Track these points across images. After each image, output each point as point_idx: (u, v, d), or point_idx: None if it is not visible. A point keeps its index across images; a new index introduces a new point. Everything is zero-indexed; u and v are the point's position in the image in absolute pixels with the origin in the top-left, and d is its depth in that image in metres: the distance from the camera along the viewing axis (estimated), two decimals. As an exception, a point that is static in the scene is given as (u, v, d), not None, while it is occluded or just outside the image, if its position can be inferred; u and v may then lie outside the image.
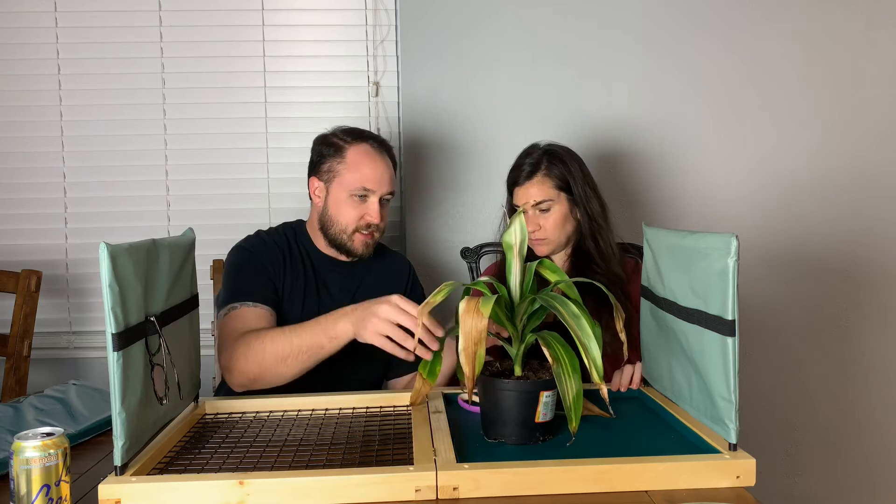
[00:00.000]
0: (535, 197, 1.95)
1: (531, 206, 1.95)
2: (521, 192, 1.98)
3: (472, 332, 1.26)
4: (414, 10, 2.50)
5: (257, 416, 1.53)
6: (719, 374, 1.24)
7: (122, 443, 1.16)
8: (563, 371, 1.27)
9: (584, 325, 1.26)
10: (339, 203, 1.92)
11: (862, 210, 2.54)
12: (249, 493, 1.16)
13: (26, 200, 2.55)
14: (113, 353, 1.15)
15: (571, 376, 1.27)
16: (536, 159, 1.98)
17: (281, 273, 1.92)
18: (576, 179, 1.97)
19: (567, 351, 1.29)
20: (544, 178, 1.96)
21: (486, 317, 1.25)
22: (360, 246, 1.94)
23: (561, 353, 1.29)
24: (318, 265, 1.99)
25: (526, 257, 2.04)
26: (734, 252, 1.19)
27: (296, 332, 1.62)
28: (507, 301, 1.41)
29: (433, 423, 1.41)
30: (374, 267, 2.05)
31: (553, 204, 1.96)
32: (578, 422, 1.26)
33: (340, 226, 1.92)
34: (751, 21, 2.51)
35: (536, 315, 1.40)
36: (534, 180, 1.96)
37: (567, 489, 1.19)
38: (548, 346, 1.31)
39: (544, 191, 1.95)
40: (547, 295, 1.35)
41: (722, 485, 1.20)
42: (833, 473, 2.59)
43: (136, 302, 1.22)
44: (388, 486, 1.17)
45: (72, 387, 1.73)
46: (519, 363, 1.40)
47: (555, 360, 1.28)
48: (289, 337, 1.61)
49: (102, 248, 1.13)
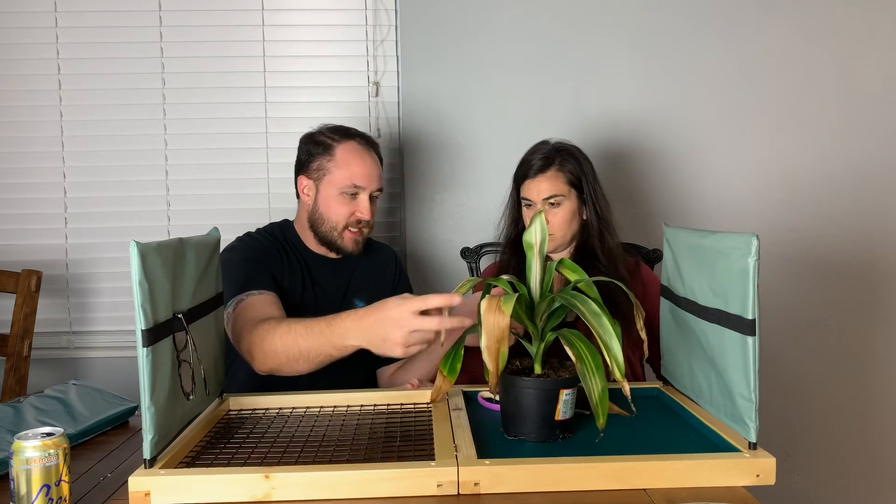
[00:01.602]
0: (547, 191, 1.96)
1: (541, 200, 1.97)
2: (532, 185, 1.98)
3: (495, 331, 1.27)
4: (414, 10, 2.52)
5: (280, 413, 1.54)
6: (739, 373, 1.26)
7: (151, 436, 1.17)
8: (586, 369, 1.28)
9: (604, 322, 1.27)
10: (329, 200, 1.94)
11: (863, 210, 2.56)
12: (275, 487, 1.17)
13: (26, 200, 2.55)
14: (142, 350, 1.15)
15: (595, 374, 1.28)
16: (549, 154, 2.00)
17: (280, 269, 1.94)
18: (587, 177, 1.99)
19: (590, 349, 1.30)
20: (557, 172, 1.98)
21: (508, 315, 1.27)
22: (350, 243, 1.97)
23: (584, 351, 1.30)
24: (310, 263, 2.01)
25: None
26: (755, 252, 1.20)
27: (302, 335, 1.59)
28: (527, 300, 1.42)
29: (454, 420, 1.42)
30: (363, 261, 2.07)
31: (563, 200, 1.97)
32: (606, 418, 1.27)
33: (331, 223, 1.95)
34: (751, 20, 2.53)
35: (556, 314, 1.41)
36: (546, 174, 1.97)
37: (587, 486, 1.20)
38: (570, 344, 1.32)
39: (556, 185, 1.97)
40: (567, 293, 1.36)
41: (742, 483, 1.21)
42: (833, 473, 2.60)
43: (165, 299, 1.22)
44: (411, 481, 1.18)
45: (72, 387, 1.72)
46: (539, 361, 1.41)
47: (578, 358, 1.29)
48: (295, 339, 1.59)
49: (132, 247, 1.13)
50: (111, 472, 1.34)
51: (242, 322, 1.72)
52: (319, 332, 1.57)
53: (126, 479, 1.18)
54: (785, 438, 2.59)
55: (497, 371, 1.28)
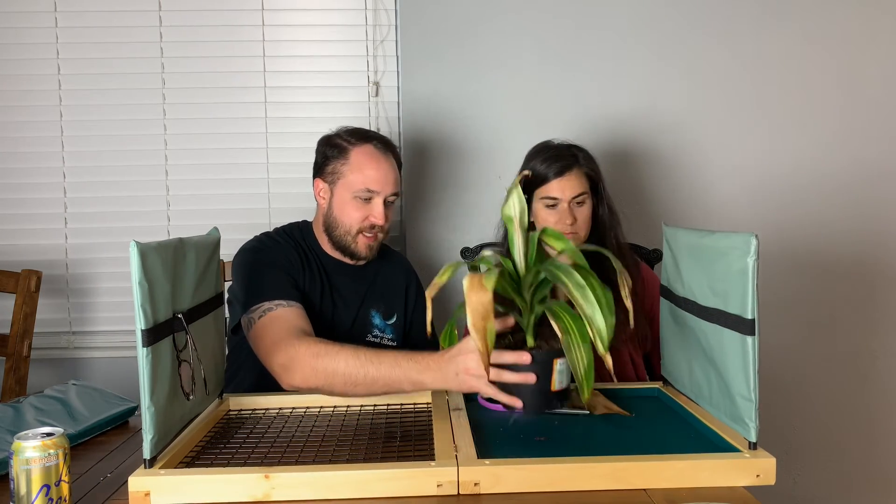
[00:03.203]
0: (575, 189, 1.95)
1: (569, 199, 1.95)
2: (560, 183, 1.95)
3: (479, 308, 1.25)
4: (414, 10, 2.51)
5: (280, 413, 1.55)
6: (739, 372, 1.26)
7: (150, 436, 1.18)
8: (572, 342, 1.27)
9: (588, 294, 1.25)
10: (343, 204, 1.92)
11: (863, 210, 2.55)
12: (275, 487, 1.18)
13: (26, 200, 2.54)
14: (142, 350, 1.15)
15: (581, 347, 1.26)
16: (570, 152, 1.99)
17: (301, 275, 1.91)
18: (601, 177, 2.01)
19: (577, 321, 1.28)
20: (581, 171, 1.97)
21: (490, 290, 1.24)
22: (364, 248, 1.94)
23: (570, 324, 1.28)
24: (329, 268, 1.98)
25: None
26: (754, 251, 1.20)
27: (372, 363, 1.50)
28: (513, 274, 1.40)
29: (454, 421, 1.42)
30: (382, 269, 2.06)
31: (587, 198, 1.97)
32: (591, 391, 1.26)
33: (344, 227, 1.92)
34: (752, 20, 2.52)
35: (543, 285, 1.39)
36: (573, 172, 1.95)
37: (587, 486, 1.21)
38: (556, 317, 1.30)
39: (582, 184, 1.96)
40: (552, 265, 1.33)
41: (742, 483, 1.21)
42: (833, 473, 2.60)
43: (165, 299, 1.23)
44: (411, 480, 1.19)
45: (72, 387, 1.72)
46: (530, 333, 1.40)
47: (563, 331, 1.28)
48: (364, 364, 1.50)
49: (133, 246, 1.14)
50: (111, 472, 1.34)
51: (276, 333, 1.65)
52: (394, 362, 1.50)
53: (126, 479, 1.19)
54: (785, 438, 2.58)
55: (487, 350, 1.26)
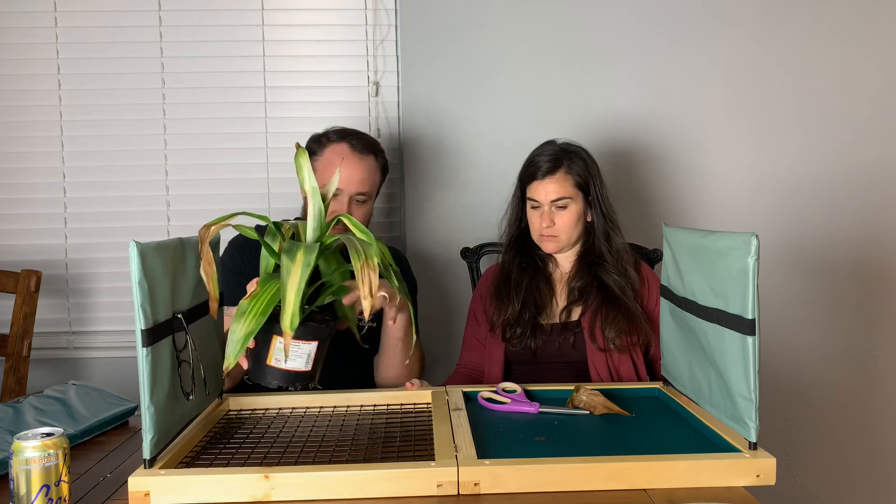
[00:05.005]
0: (555, 193, 1.95)
1: (549, 202, 1.96)
2: (540, 186, 1.96)
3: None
4: (414, 10, 2.51)
5: (280, 413, 1.55)
6: (739, 373, 1.26)
7: (150, 436, 1.18)
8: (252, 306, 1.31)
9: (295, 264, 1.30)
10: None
11: (863, 210, 2.55)
12: (274, 487, 1.18)
13: (26, 200, 2.54)
14: (142, 350, 1.15)
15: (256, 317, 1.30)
16: (557, 155, 1.98)
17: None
18: (594, 180, 1.98)
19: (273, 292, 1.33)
20: (565, 175, 1.96)
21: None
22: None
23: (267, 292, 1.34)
24: None
25: (532, 253, 2.06)
26: (754, 251, 1.20)
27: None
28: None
29: (453, 421, 1.42)
30: None
31: (570, 202, 1.96)
32: (232, 361, 1.28)
33: None
34: (752, 21, 2.52)
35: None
36: (555, 176, 1.95)
37: (587, 486, 1.20)
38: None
39: (564, 188, 1.95)
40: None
41: (742, 483, 1.21)
42: (833, 473, 2.60)
43: (164, 299, 1.23)
44: (411, 481, 1.19)
45: (71, 387, 1.72)
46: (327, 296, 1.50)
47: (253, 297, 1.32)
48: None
49: (132, 246, 1.14)
50: (111, 472, 1.34)
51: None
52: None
53: (126, 479, 1.19)
54: (785, 438, 2.58)
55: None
